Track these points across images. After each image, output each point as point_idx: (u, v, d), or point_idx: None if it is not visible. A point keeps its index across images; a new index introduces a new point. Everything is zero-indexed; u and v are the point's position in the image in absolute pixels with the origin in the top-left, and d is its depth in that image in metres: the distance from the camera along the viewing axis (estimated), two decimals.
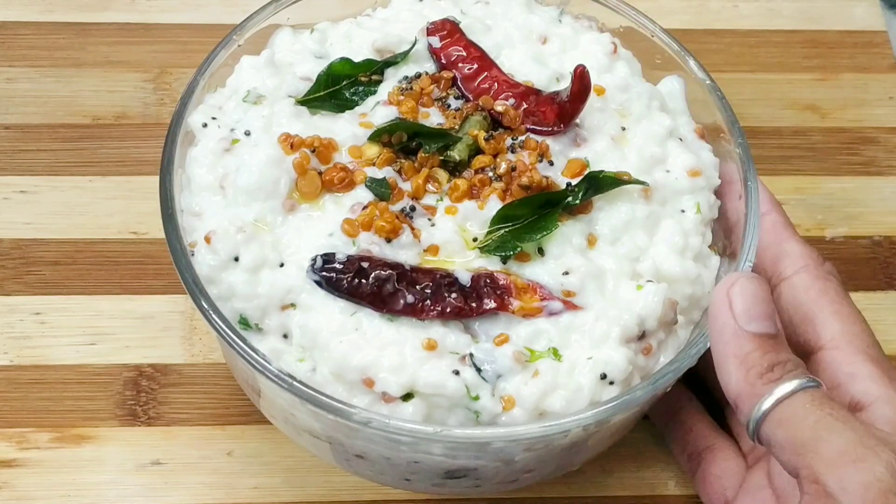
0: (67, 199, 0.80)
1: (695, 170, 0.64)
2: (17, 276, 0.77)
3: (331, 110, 0.66)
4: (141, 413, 0.72)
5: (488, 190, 0.62)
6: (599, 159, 0.64)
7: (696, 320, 0.63)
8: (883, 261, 0.82)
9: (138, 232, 0.79)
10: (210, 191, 0.62)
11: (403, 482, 0.64)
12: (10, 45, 0.87)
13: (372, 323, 0.58)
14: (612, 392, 0.58)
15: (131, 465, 0.71)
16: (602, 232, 0.62)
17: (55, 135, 0.83)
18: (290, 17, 0.70)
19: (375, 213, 0.60)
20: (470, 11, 0.70)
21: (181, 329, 0.75)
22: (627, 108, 0.66)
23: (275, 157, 0.61)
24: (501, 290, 0.58)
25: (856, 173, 0.86)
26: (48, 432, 0.71)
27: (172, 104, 0.84)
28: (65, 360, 0.74)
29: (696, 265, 0.62)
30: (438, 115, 0.65)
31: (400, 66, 0.67)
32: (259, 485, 0.70)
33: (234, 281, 0.59)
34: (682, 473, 0.72)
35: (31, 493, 0.69)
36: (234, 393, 0.73)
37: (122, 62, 0.87)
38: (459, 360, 0.57)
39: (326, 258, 0.59)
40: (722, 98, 0.68)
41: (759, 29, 0.93)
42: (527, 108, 0.65)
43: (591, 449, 0.65)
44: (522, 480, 0.65)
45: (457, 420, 0.58)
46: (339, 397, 0.57)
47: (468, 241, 0.61)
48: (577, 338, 0.59)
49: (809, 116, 0.89)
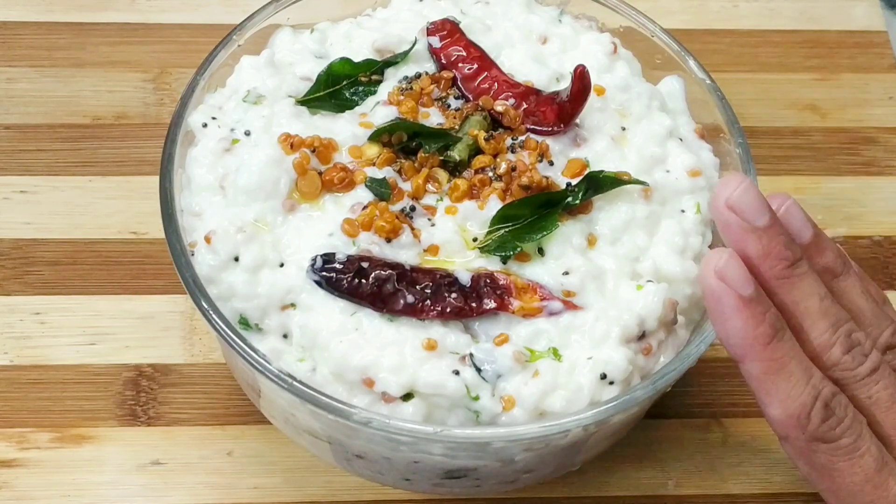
0: (67, 199, 0.80)
1: (695, 170, 0.64)
2: (17, 276, 0.77)
3: (331, 110, 0.66)
4: (141, 413, 0.72)
5: (488, 190, 0.62)
6: (599, 159, 0.64)
7: (696, 320, 0.63)
8: (883, 261, 0.82)
9: (138, 232, 0.79)
10: (210, 191, 0.62)
11: (403, 482, 0.64)
12: (10, 45, 0.87)
13: (372, 323, 0.58)
14: (612, 392, 0.58)
15: (131, 465, 0.71)
16: (602, 232, 0.62)
17: (55, 135, 0.83)
18: (290, 17, 0.70)
19: (375, 213, 0.60)
20: (470, 11, 0.70)
21: (181, 329, 0.75)
22: (627, 108, 0.66)
23: (275, 157, 0.61)
24: (501, 290, 0.58)
25: (856, 173, 0.86)
26: (48, 432, 0.71)
27: (172, 104, 0.84)
28: (65, 360, 0.74)
29: (696, 265, 0.62)
30: (438, 115, 0.65)
31: (400, 66, 0.67)
32: (259, 485, 0.70)
33: (234, 281, 0.59)
34: (682, 473, 0.72)
35: (31, 493, 0.69)
36: (234, 393, 0.73)
37: (122, 62, 0.87)
38: (459, 360, 0.57)
39: (326, 258, 0.59)
40: (722, 98, 0.68)
41: (759, 29, 0.93)
42: (527, 108, 0.65)
43: (591, 449, 0.65)
44: (522, 480, 0.65)
45: (457, 420, 0.58)
46: (339, 397, 0.57)
47: (468, 241, 0.61)
48: (577, 338, 0.59)
49: (809, 116, 0.89)
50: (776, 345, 0.53)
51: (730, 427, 0.74)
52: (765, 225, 0.54)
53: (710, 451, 0.73)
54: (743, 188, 0.54)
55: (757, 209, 0.54)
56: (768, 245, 0.54)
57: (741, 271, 0.53)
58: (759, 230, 0.54)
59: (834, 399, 0.54)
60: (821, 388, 0.54)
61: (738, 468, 0.73)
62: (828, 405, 0.54)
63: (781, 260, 0.54)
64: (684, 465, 0.73)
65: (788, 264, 0.54)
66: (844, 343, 0.55)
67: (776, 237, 0.54)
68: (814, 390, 0.53)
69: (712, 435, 0.74)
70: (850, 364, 0.55)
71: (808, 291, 0.55)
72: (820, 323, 0.55)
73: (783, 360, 0.53)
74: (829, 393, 0.54)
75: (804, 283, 0.55)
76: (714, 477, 0.72)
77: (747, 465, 0.73)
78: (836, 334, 0.55)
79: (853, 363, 0.55)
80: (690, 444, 0.73)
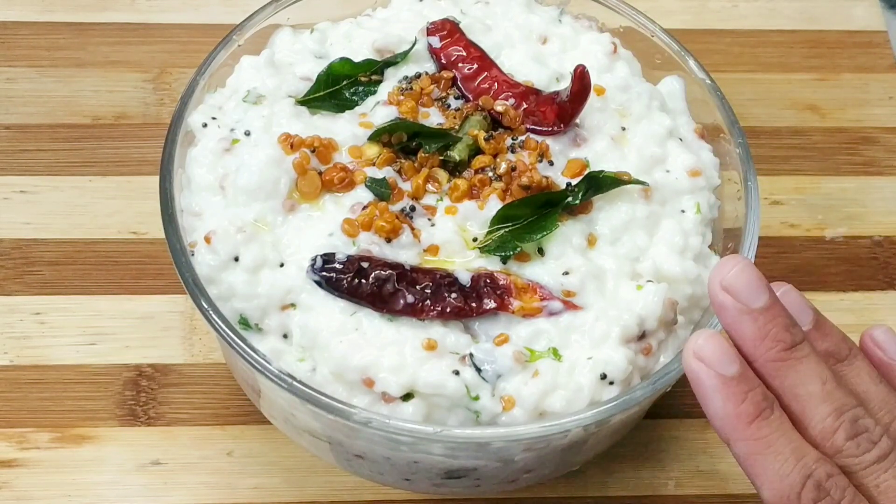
0: (67, 199, 0.80)
1: (695, 170, 0.64)
2: (17, 276, 0.77)
3: (331, 110, 0.66)
4: (141, 413, 0.72)
5: (488, 190, 0.62)
6: (599, 159, 0.64)
7: (696, 320, 0.63)
8: (883, 261, 0.82)
9: (138, 232, 0.79)
10: (210, 191, 0.62)
11: (403, 482, 0.64)
12: (10, 45, 0.87)
13: (372, 323, 0.58)
14: (612, 392, 0.58)
15: (131, 465, 0.71)
16: (602, 232, 0.62)
17: (55, 135, 0.83)
18: (290, 17, 0.70)
19: (375, 213, 0.60)
20: (470, 11, 0.70)
21: (181, 329, 0.75)
22: (627, 108, 0.66)
23: (275, 157, 0.61)
24: (501, 290, 0.58)
25: (856, 173, 0.86)
26: (48, 432, 0.71)
27: (172, 104, 0.84)
28: (65, 360, 0.74)
29: (696, 265, 0.62)
30: (438, 115, 0.65)
31: (400, 66, 0.67)
32: (259, 485, 0.70)
33: (234, 281, 0.59)
34: (682, 473, 0.72)
35: (31, 493, 0.69)
36: (234, 393, 0.73)
37: (122, 62, 0.87)
38: (459, 360, 0.57)
39: (326, 258, 0.59)
40: (722, 98, 0.68)
41: (759, 29, 0.93)
42: (527, 108, 0.65)
43: (591, 449, 0.65)
44: (522, 480, 0.65)
45: (457, 420, 0.58)
46: (339, 397, 0.57)
47: (468, 241, 0.61)
48: (577, 338, 0.59)
49: (809, 116, 0.89)
50: (760, 423, 0.51)
51: None
52: (762, 307, 0.51)
53: (710, 451, 0.73)
54: (739, 268, 0.51)
55: (754, 290, 0.51)
56: (764, 327, 0.51)
57: (721, 350, 0.51)
58: (755, 312, 0.51)
59: (829, 480, 0.50)
60: (813, 468, 0.50)
61: (738, 468, 0.72)
62: (821, 486, 0.50)
63: (778, 342, 0.51)
64: (684, 465, 0.73)
65: (786, 346, 0.51)
66: (849, 429, 0.51)
67: (774, 318, 0.51)
68: (804, 469, 0.50)
69: (712, 435, 0.74)
70: (855, 451, 0.51)
71: (809, 375, 0.51)
72: (822, 407, 0.51)
73: (769, 438, 0.51)
74: (824, 473, 0.50)
75: (804, 367, 0.51)
76: (714, 477, 0.72)
77: None
78: (840, 419, 0.51)
79: (858, 450, 0.51)
80: (690, 444, 0.73)
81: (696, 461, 0.73)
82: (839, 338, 0.55)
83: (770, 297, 0.51)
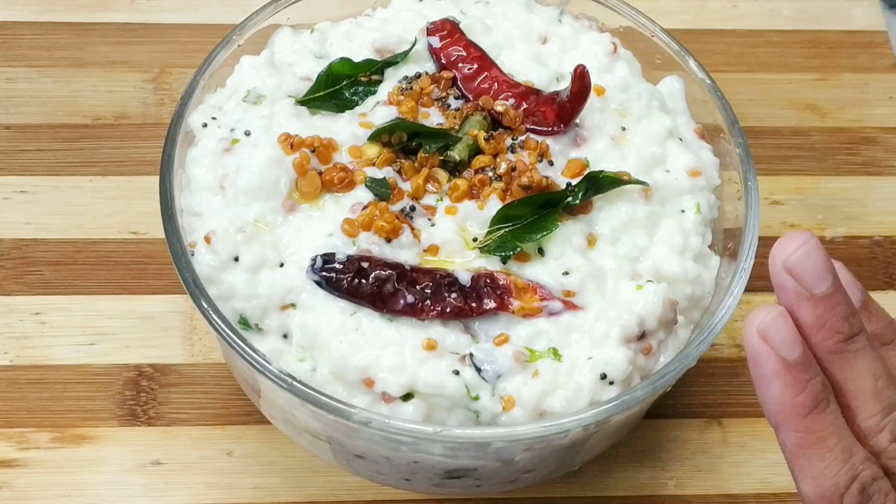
0: (67, 199, 0.80)
1: (695, 170, 0.64)
2: (17, 276, 0.77)
3: (331, 110, 0.66)
4: (141, 413, 0.72)
5: (488, 190, 0.62)
6: (599, 159, 0.64)
7: (696, 320, 0.63)
8: (883, 261, 0.82)
9: (138, 232, 0.79)
10: (210, 191, 0.62)
11: (403, 482, 0.64)
12: (10, 45, 0.87)
13: (372, 323, 0.58)
14: (612, 392, 0.58)
15: (131, 465, 0.71)
16: (602, 232, 0.62)
17: (55, 135, 0.83)
18: (290, 17, 0.70)
19: (375, 213, 0.60)
20: (470, 11, 0.70)
21: (181, 329, 0.75)
22: (627, 108, 0.66)
23: (275, 157, 0.61)
24: (501, 290, 0.58)
25: (856, 173, 0.86)
26: (48, 432, 0.71)
27: (172, 104, 0.84)
28: (65, 360, 0.74)
29: (696, 265, 0.62)
30: (438, 115, 0.65)
31: (400, 66, 0.67)
32: (259, 485, 0.70)
33: (234, 281, 0.59)
34: (682, 473, 0.72)
35: (31, 493, 0.69)
36: (234, 393, 0.73)
37: (122, 62, 0.87)
38: (459, 360, 0.57)
39: (326, 258, 0.59)
40: (722, 98, 0.68)
41: (759, 29, 0.93)
42: (527, 108, 0.65)
43: (591, 449, 0.65)
44: (522, 480, 0.65)
45: (457, 420, 0.58)
46: (339, 397, 0.57)
47: (468, 241, 0.61)
48: (577, 338, 0.59)
49: (809, 116, 0.89)
50: (815, 416, 0.49)
51: (730, 427, 0.74)
52: (823, 293, 0.49)
53: (710, 451, 0.73)
54: (805, 250, 0.49)
55: (818, 275, 0.49)
56: (823, 315, 0.49)
57: (788, 332, 0.49)
58: (816, 298, 0.49)
59: (874, 484, 0.49)
60: (860, 470, 0.49)
61: (738, 468, 0.73)
62: (864, 489, 0.49)
63: (836, 333, 0.49)
64: (684, 465, 0.73)
65: (843, 338, 0.50)
66: (895, 430, 0.50)
67: (834, 308, 0.49)
68: (852, 470, 0.49)
69: (712, 435, 0.74)
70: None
71: (862, 370, 0.50)
72: (871, 404, 0.50)
73: (822, 433, 0.49)
74: (869, 477, 0.49)
75: (859, 361, 0.50)
76: (714, 477, 0.72)
77: (747, 465, 0.73)
78: (887, 419, 0.50)
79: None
80: (690, 444, 0.73)
81: (696, 461, 0.73)
82: (886, 321, 0.54)
83: (833, 283, 0.49)
